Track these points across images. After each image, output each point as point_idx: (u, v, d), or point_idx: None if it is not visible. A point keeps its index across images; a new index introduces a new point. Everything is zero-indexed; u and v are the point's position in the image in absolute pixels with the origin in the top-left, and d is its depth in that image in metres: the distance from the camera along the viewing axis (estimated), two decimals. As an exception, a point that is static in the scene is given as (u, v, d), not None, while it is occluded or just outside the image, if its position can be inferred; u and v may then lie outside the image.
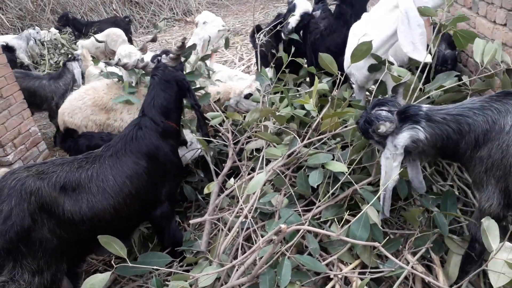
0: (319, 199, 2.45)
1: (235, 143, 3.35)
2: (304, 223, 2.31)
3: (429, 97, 2.69)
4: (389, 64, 2.66)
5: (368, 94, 3.31)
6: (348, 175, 2.35)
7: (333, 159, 2.52)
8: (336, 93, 3.04)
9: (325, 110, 2.75)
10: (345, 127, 2.67)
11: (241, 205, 2.47)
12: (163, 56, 2.94)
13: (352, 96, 3.20)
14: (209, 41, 4.59)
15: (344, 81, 3.09)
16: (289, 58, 3.30)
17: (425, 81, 2.60)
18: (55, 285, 2.12)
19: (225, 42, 4.11)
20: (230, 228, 2.48)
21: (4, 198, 1.97)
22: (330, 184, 2.46)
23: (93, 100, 3.75)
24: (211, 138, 3.33)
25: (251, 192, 2.22)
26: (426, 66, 2.55)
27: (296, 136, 2.77)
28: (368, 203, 2.00)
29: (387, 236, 2.22)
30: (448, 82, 2.64)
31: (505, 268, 1.58)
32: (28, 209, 1.98)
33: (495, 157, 1.83)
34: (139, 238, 2.89)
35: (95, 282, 1.80)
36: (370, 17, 2.83)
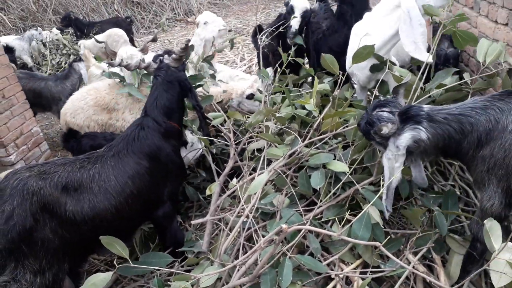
0: (321, 199, 2.45)
1: (237, 143, 3.36)
2: (306, 223, 2.31)
3: (430, 96, 2.68)
4: (391, 64, 2.65)
5: (369, 94, 3.31)
6: (350, 175, 2.35)
7: (335, 159, 2.52)
8: (338, 93, 3.03)
9: (326, 110, 2.75)
10: (346, 127, 2.67)
11: (243, 205, 2.47)
12: (165, 56, 2.94)
13: (354, 96, 3.20)
14: (213, 42, 4.61)
15: (346, 81, 3.09)
16: (289, 58, 3.30)
17: (426, 81, 2.60)
18: (57, 285, 2.13)
19: (231, 43, 4.11)
20: (232, 228, 2.48)
21: (6, 198, 1.97)
22: (332, 184, 2.46)
23: (95, 100, 3.76)
24: (213, 139, 3.34)
25: (253, 192, 2.22)
26: (427, 66, 2.55)
27: (298, 136, 2.77)
28: (370, 203, 2.00)
29: (388, 236, 2.22)
30: (449, 81, 2.64)
31: (507, 268, 1.58)
32: (30, 209, 1.98)
33: (498, 156, 1.83)
34: (141, 238, 2.90)
35: (97, 281, 1.81)
36: (372, 17, 2.83)
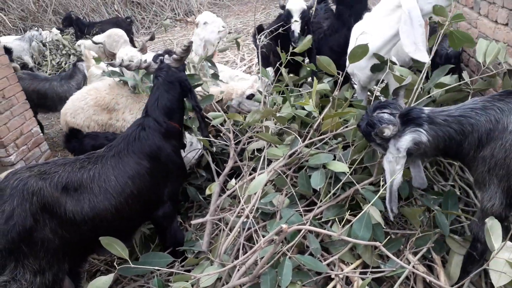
0: (320, 199, 2.45)
1: (237, 143, 3.35)
2: (305, 223, 2.31)
3: (431, 97, 2.68)
4: (392, 64, 2.65)
5: (369, 94, 3.31)
6: (350, 175, 2.35)
7: (334, 159, 2.52)
8: (337, 93, 3.04)
9: (326, 110, 2.75)
10: (346, 127, 2.66)
11: (243, 205, 2.47)
12: (166, 57, 2.94)
13: (354, 96, 3.20)
14: (216, 43, 4.62)
15: (345, 81, 3.09)
16: (288, 57, 3.30)
17: (425, 81, 2.60)
18: (57, 285, 2.12)
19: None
20: (232, 228, 2.48)
21: (6, 198, 1.97)
22: (332, 184, 2.46)
23: (95, 100, 3.76)
24: (212, 139, 3.34)
25: (252, 192, 2.22)
26: (427, 67, 2.55)
27: (298, 136, 2.77)
28: (370, 203, 2.00)
29: (388, 236, 2.22)
30: (449, 81, 2.64)
31: (507, 268, 1.58)
32: (30, 209, 1.98)
33: (498, 157, 1.83)
34: (141, 238, 2.90)
35: (99, 285, 1.81)
36: (372, 17, 2.83)
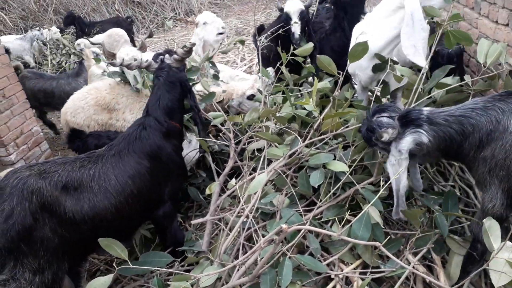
0: (320, 199, 2.44)
1: (237, 143, 3.35)
2: (305, 223, 2.31)
3: (431, 97, 2.68)
4: (393, 64, 2.64)
5: (370, 95, 3.30)
6: (350, 175, 2.35)
7: (335, 159, 2.52)
8: (338, 93, 3.03)
9: (327, 111, 2.75)
10: (347, 127, 2.66)
11: (242, 205, 2.47)
12: (166, 56, 2.94)
13: (354, 96, 3.19)
14: (219, 44, 4.63)
15: (346, 81, 3.08)
16: (289, 57, 3.30)
17: (425, 81, 2.59)
18: (56, 284, 2.12)
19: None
20: (231, 228, 2.47)
21: (6, 197, 1.97)
22: (332, 184, 2.45)
23: (96, 100, 3.76)
24: (212, 139, 3.34)
25: (252, 192, 2.22)
26: (425, 71, 2.54)
27: (298, 136, 2.77)
28: (370, 203, 1.99)
29: (388, 236, 2.22)
30: (450, 81, 2.63)
31: (507, 268, 1.58)
32: (30, 208, 1.98)
33: (499, 157, 1.83)
34: (140, 238, 2.90)
35: (98, 285, 1.81)
36: (373, 18, 2.82)
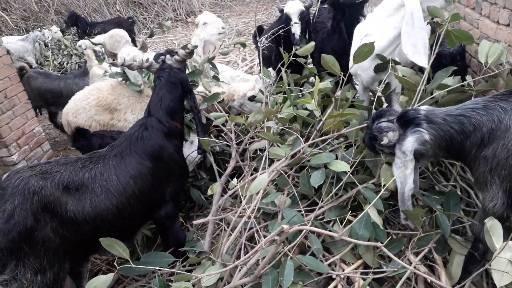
0: (322, 199, 2.44)
1: (238, 143, 3.35)
2: (307, 224, 2.31)
3: (433, 98, 2.67)
4: (394, 64, 2.64)
5: (371, 95, 3.30)
6: (351, 175, 2.35)
7: (336, 159, 2.51)
8: (339, 94, 3.03)
9: (329, 111, 2.75)
10: (348, 127, 2.66)
11: (244, 205, 2.47)
12: (167, 57, 2.94)
13: (356, 97, 3.19)
14: (219, 45, 4.62)
15: (347, 82, 3.08)
16: (291, 58, 3.30)
17: (428, 81, 2.59)
18: (58, 285, 2.12)
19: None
20: (233, 228, 2.48)
21: (8, 198, 1.98)
22: (334, 185, 2.45)
23: (97, 101, 3.76)
24: (214, 139, 3.34)
25: (254, 193, 2.22)
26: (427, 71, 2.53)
27: (299, 137, 2.77)
28: (370, 203, 1.99)
29: (390, 236, 2.21)
30: (451, 82, 2.63)
31: (509, 267, 1.58)
32: (31, 209, 1.98)
33: (500, 157, 1.82)
34: (142, 238, 2.90)
35: (98, 284, 1.81)
36: (374, 17, 2.82)
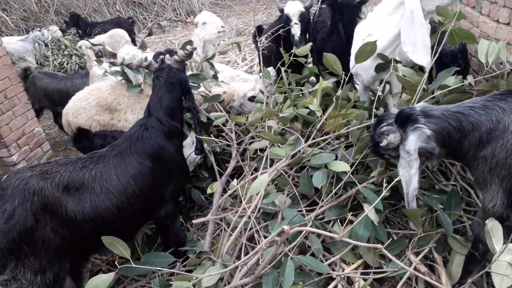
0: (322, 199, 2.44)
1: (239, 143, 3.35)
2: (307, 223, 2.31)
3: (434, 97, 2.67)
4: (396, 64, 2.63)
5: (371, 94, 3.30)
6: (351, 175, 2.34)
7: (336, 159, 2.51)
8: (340, 93, 3.03)
9: (330, 111, 2.74)
10: (349, 127, 2.65)
11: (244, 205, 2.46)
12: (167, 56, 2.94)
13: (357, 97, 3.19)
14: (217, 44, 4.63)
15: (348, 81, 3.08)
16: (291, 58, 3.30)
17: (430, 81, 2.58)
18: (58, 285, 2.13)
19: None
20: (233, 229, 2.47)
21: (8, 198, 1.98)
22: (334, 184, 2.45)
23: (97, 101, 3.76)
24: (214, 138, 3.34)
25: (254, 193, 2.22)
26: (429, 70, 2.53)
27: (300, 137, 2.77)
28: (370, 204, 1.99)
29: (390, 237, 2.21)
30: (453, 82, 2.62)
31: (509, 270, 1.56)
32: (31, 209, 1.98)
33: (500, 156, 1.82)
34: (142, 238, 2.89)
35: (98, 283, 1.81)
36: (375, 17, 2.82)
